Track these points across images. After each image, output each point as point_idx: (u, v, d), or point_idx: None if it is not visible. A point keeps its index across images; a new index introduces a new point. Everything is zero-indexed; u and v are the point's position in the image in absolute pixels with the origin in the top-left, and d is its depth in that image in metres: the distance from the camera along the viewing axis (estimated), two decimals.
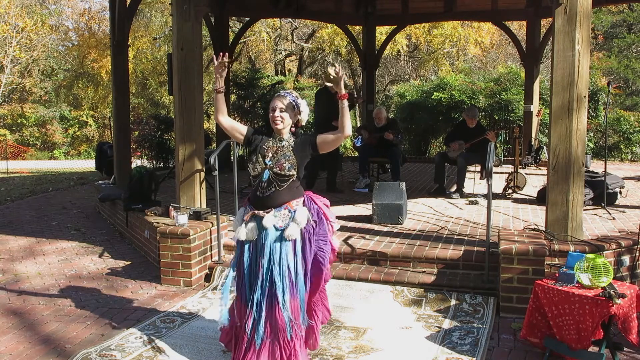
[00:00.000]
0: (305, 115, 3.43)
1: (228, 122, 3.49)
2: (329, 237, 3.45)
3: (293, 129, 3.41)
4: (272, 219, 3.31)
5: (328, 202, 3.54)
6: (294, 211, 3.33)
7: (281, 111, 3.33)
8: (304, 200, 3.42)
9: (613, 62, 18.45)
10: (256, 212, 3.36)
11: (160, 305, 4.59)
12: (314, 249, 3.36)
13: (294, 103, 3.37)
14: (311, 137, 3.41)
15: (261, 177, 3.33)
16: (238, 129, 3.49)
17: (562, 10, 4.48)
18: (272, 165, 3.31)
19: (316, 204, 3.45)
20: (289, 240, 3.29)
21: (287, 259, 3.29)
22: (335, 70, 3.25)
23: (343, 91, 3.25)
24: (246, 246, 3.38)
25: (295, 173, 3.33)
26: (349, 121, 3.29)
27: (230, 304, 3.54)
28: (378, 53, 12.52)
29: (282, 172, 3.29)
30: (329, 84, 3.37)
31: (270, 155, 3.34)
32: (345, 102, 3.25)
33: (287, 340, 3.26)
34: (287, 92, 3.40)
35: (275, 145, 3.37)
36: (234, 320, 3.46)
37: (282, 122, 3.33)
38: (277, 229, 3.31)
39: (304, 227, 3.32)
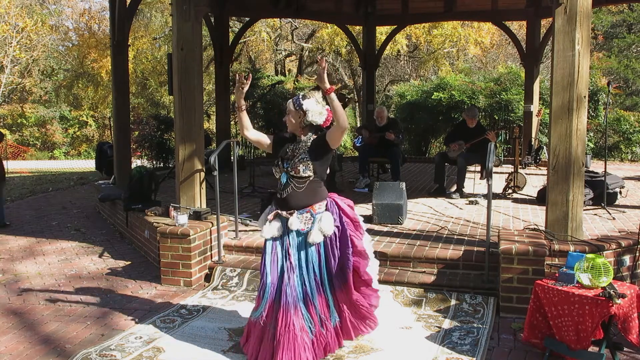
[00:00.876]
0: (313, 114, 3.44)
1: (254, 135, 3.67)
2: (354, 240, 3.53)
3: (305, 129, 3.49)
4: (296, 222, 3.42)
5: (352, 203, 3.64)
6: (318, 216, 3.43)
7: (288, 114, 3.48)
8: (327, 204, 3.50)
9: (613, 62, 18.45)
10: (280, 212, 3.49)
11: (160, 305, 4.59)
12: (338, 253, 3.48)
13: (296, 104, 3.45)
14: (323, 135, 3.50)
15: (280, 179, 3.49)
16: (264, 140, 3.66)
17: (562, 10, 4.48)
18: (289, 168, 3.44)
19: (339, 207, 3.54)
20: (314, 245, 3.43)
21: (313, 262, 3.43)
22: (320, 65, 3.23)
23: (328, 85, 3.24)
24: (275, 244, 3.50)
25: (311, 174, 3.42)
26: (342, 114, 3.30)
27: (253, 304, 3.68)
28: (378, 53, 12.52)
29: (298, 175, 3.41)
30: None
31: (288, 157, 3.48)
32: (333, 96, 3.24)
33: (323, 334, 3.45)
34: (295, 98, 3.51)
35: (293, 147, 3.51)
36: (252, 321, 3.54)
37: (291, 125, 3.49)
38: (300, 233, 3.43)
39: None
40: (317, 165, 3.43)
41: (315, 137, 3.49)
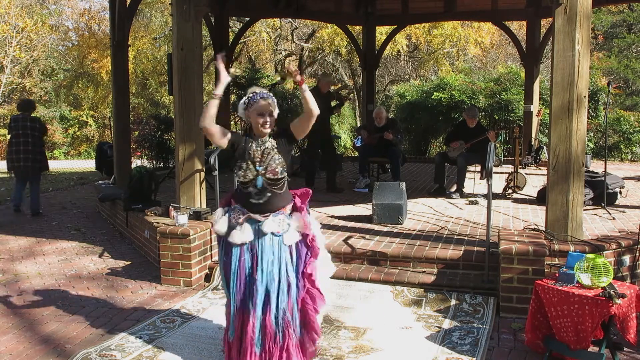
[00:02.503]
0: (276, 112, 3.33)
1: (214, 127, 3.29)
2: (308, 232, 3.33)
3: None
4: (272, 225, 3.24)
5: (304, 191, 3.44)
6: (289, 215, 3.31)
7: (270, 115, 3.26)
8: (293, 203, 3.37)
9: (613, 62, 18.45)
10: (252, 215, 3.27)
11: (160, 305, 4.59)
12: (305, 252, 3.32)
13: (273, 100, 3.30)
14: (285, 131, 3.34)
15: (254, 184, 3.24)
16: (222, 133, 3.32)
17: (562, 10, 4.48)
18: (263, 171, 3.24)
19: (294, 200, 3.38)
20: (287, 245, 3.26)
21: (287, 263, 3.25)
22: (286, 68, 3.24)
23: (298, 78, 3.17)
24: (240, 249, 3.25)
25: (285, 173, 3.30)
26: (313, 103, 3.21)
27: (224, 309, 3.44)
28: (378, 53, 12.52)
29: (276, 177, 3.25)
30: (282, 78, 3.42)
31: (259, 160, 3.26)
32: (305, 86, 3.19)
33: (288, 337, 3.21)
34: (266, 93, 3.28)
35: (260, 149, 3.28)
36: (228, 326, 3.34)
37: (270, 126, 3.27)
38: (275, 235, 3.25)
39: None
40: (288, 162, 3.29)
41: (279, 135, 3.33)
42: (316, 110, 3.24)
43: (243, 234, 3.24)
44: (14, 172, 8.23)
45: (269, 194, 3.25)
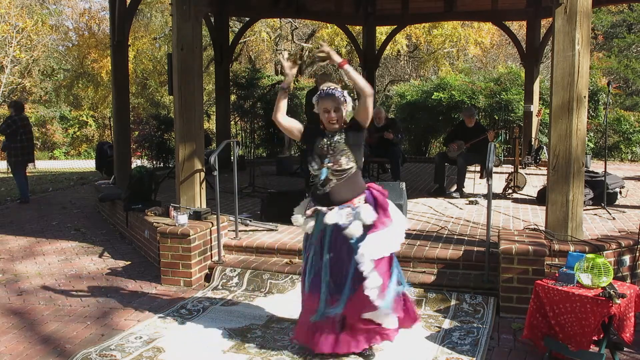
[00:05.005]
0: (350, 105, 3.49)
1: (287, 121, 3.59)
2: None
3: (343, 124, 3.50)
4: (334, 217, 3.39)
5: (386, 192, 3.60)
6: (357, 209, 3.40)
7: (335, 111, 3.42)
8: (366, 196, 3.48)
9: (613, 62, 18.43)
10: (318, 207, 3.46)
11: (160, 305, 4.59)
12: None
13: (344, 98, 3.44)
14: (352, 122, 3.50)
15: (319, 175, 3.45)
16: (296, 126, 3.59)
17: (562, 10, 4.48)
18: (329, 163, 3.42)
19: (373, 195, 3.50)
20: (352, 236, 3.38)
21: (351, 255, 3.37)
22: (321, 48, 3.36)
23: (339, 59, 3.32)
24: (310, 238, 3.52)
25: (353, 164, 3.43)
26: (362, 80, 3.35)
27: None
28: (378, 53, 12.52)
29: (340, 168, 3.41)
30: (321, 62, 3.46)
31: (325, 153, 3.44)
32: (347, 67, 3.32)
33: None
34: (334, 89, 3.43)
35: (328, 142, 3.45)
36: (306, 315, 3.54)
37: (337, 121, 3.44)
38: (340, 226, 3.38)
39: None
40: (357, 153, 3.46)
41: (346, 127, 3.49)
42: (369, 89, 3.35)
43: (306, 225, 3.52)
44: (23, 166, 9.19)
45: (332, 185, 3.42)
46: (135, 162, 11.20)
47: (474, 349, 3.68)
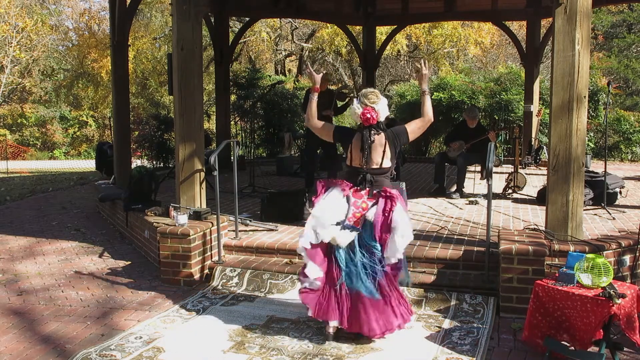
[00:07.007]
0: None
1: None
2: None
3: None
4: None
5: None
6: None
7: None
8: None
9: (613, 62, 18.44)
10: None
11: (161, 305, 4.59)
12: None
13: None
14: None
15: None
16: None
17: (562, 10, 4.48)
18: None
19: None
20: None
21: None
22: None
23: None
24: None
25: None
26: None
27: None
28: (378, 53, 12.52)
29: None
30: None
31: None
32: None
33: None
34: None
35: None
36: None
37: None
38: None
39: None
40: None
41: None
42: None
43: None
44: None
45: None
46: (135, 162, 11.19)
47: (474, 349, 3.68)
